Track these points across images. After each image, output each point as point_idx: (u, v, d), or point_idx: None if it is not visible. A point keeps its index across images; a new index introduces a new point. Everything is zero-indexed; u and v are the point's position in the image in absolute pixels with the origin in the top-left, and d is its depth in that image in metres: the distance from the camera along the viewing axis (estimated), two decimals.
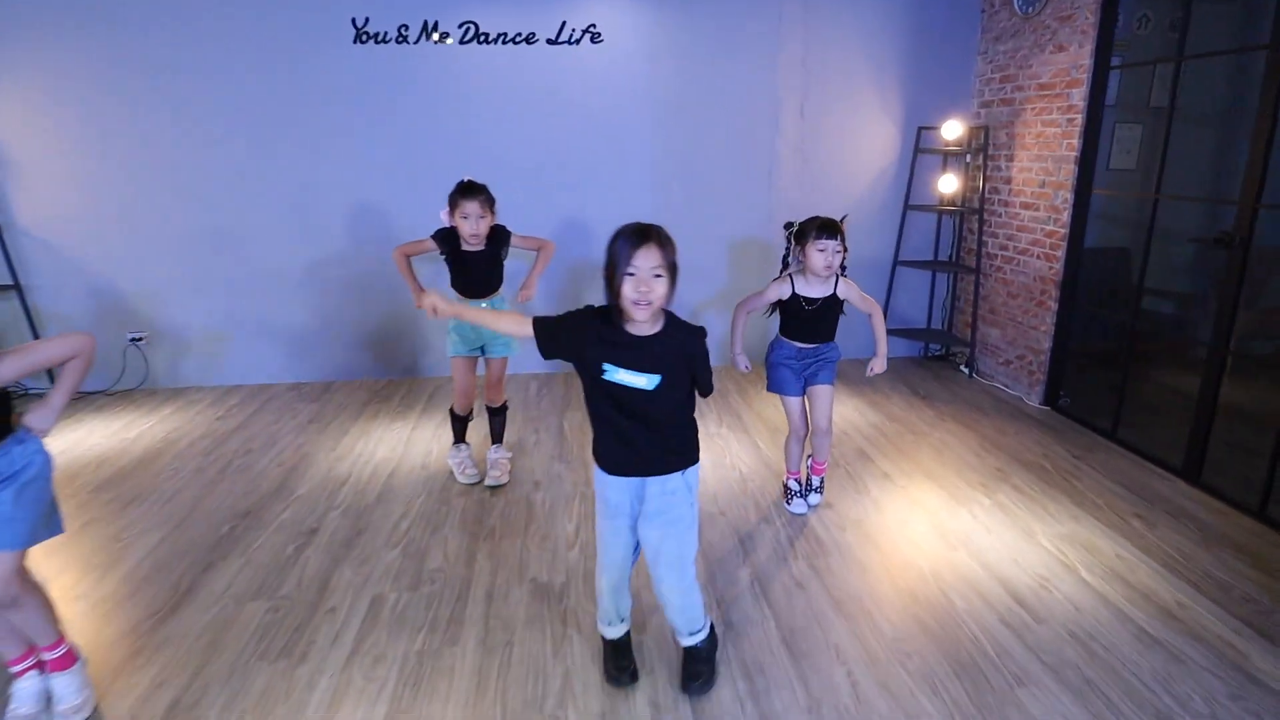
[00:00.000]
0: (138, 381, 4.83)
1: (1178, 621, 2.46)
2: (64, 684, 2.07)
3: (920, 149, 5.02)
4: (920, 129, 4.98)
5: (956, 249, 5.24)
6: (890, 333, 5.19)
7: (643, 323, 1.86)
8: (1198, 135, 4.48)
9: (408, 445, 3.92)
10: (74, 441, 4.00)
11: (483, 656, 2.30)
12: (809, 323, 3.00)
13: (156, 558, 2.88)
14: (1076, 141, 4.05)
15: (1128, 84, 4.20)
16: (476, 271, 3.25)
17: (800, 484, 3.28)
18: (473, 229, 3.11)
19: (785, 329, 3.07)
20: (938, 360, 5.39)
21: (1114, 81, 4.02)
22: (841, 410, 4.38)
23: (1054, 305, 4.28)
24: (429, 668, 2.25)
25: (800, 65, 4.80)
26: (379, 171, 4.63)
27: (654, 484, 2.01)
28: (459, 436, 3.53)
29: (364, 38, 4.44)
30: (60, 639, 2.08)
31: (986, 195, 4.85)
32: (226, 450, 3.88)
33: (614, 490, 2.03)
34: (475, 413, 3.62)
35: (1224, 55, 4.19)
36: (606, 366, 1.89)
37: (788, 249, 3.03)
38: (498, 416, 3.54)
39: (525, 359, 5.09)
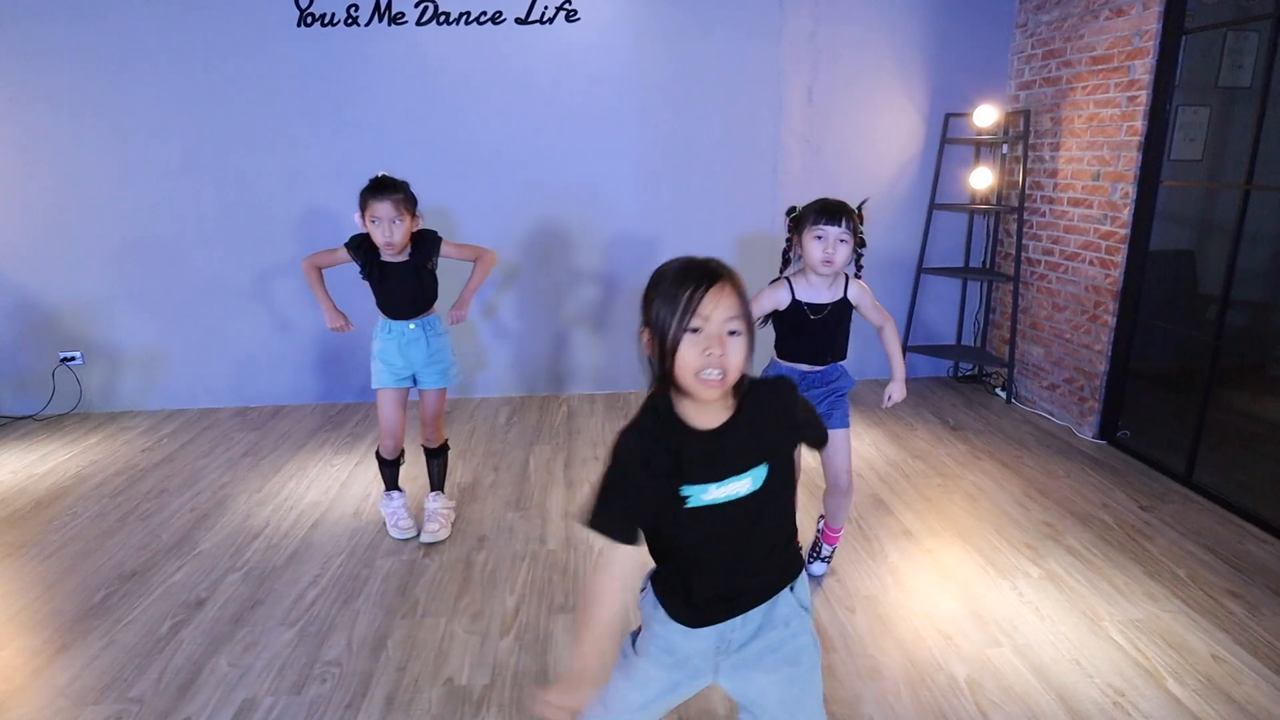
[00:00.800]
0: (70, 405, 4.36)
1: None
2: None
3: (948, 139, 4.36)
4: (948, 116, 4.32)
5: (991, 254, 4.56)
6: (915, 349, 4.55)
7: (712, 404, 1.20)
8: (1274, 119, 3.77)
9: (343, 487, 3.37)
10: None
11: None
12: (816, 337, 2.38)
13: (12, 628, 2.35)
14: (1140, 124, 3.37)
15: (1190, 61, 3.50)
16: (399, 286, 2.69)
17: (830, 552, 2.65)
18: (385, 236, 2.54)
19: (784, 349, 2.45)
20: (969, 381, 4.71)
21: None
22: (856, 445, 3.74)
23: (1111, 320, 3.59)
24: None
25: (808, 42, 4.18)
26: (330, 170, 4.10)
27: (755, 615, 1.31)
28: (390, 484, 2.96)
29: (309, 20, 3.92)
30: None
31: (1028, 191, 4.18)
32: (138, 490, 3.36)
33: (689, 641, 1.31)
34: (409, 454, 3.05)
35: None
36: (688, 490, 1.21)
37: (789, 241, 2.41)
38: (436, 459, 2.96)
39: (498, 378, 4.54)
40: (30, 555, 2.84)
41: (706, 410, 1.19)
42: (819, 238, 2.24)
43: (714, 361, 1.11)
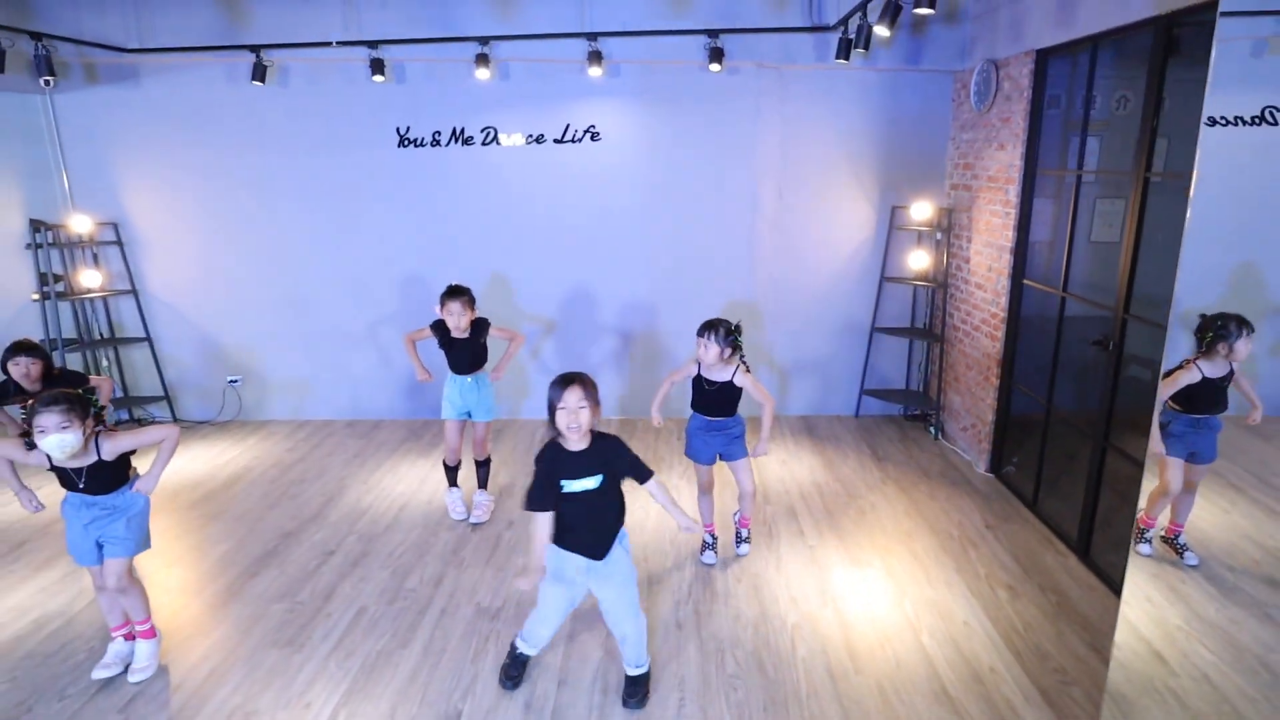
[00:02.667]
0: (233, 414, 6.04)
1: (979, 685, 2.94)
2: (142, 651, 3.07)
3: (895, 226, 5.48)
4: (894, 208, 5.45)
5: (930, 318, 5.64)
6: (870, 393, 5.70)
7: (577, 443, 2.62)
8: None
9: (421, 483, 4.83)
10: (183, 465, 5.18)
11: (421, 658, 3.12)
12: (712, 400, 3.64)
13: (222, 563, 3.90)
14: (1011, 234, 4.44)
15: (1107, 156, 4.40)
16: (463, 354, 4.10)
17: (714, 538, 3.91)
18: (456, 323, 3.96)
19: (694, 402, 3.72)
20: (914, 420, 5.80)
21: (1093, 153, 4.27)
22: (795, 468, 4.94)
23: (996, 381, 4.66)
24: (382, 663, 3.09)
25: (778, 152, 5.39)
26: (419, 248, 5.61)
27: (604, 565, 2.73)
28: (451, 481, 4.39)
29: (406, 143, 5.43)
30: (148, 618, 3.08)
31: (951, 272, 5.26)
32: (286, 479, 4.93)
33: (570, 565, 2.74)
34: (466, 462, 4.48)
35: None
36: (563, 484, 2.63)
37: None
38: (483, 468, 4.37)
39: (538, 405, 5.93)
40: (226, 519, 4.41)
41: (574, 445, 2.58)
42: (704, 346, 3.50)
43: (572, 421, 2.49)
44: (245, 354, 5.93)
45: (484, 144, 5.42)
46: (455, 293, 3.97)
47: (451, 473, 4.36)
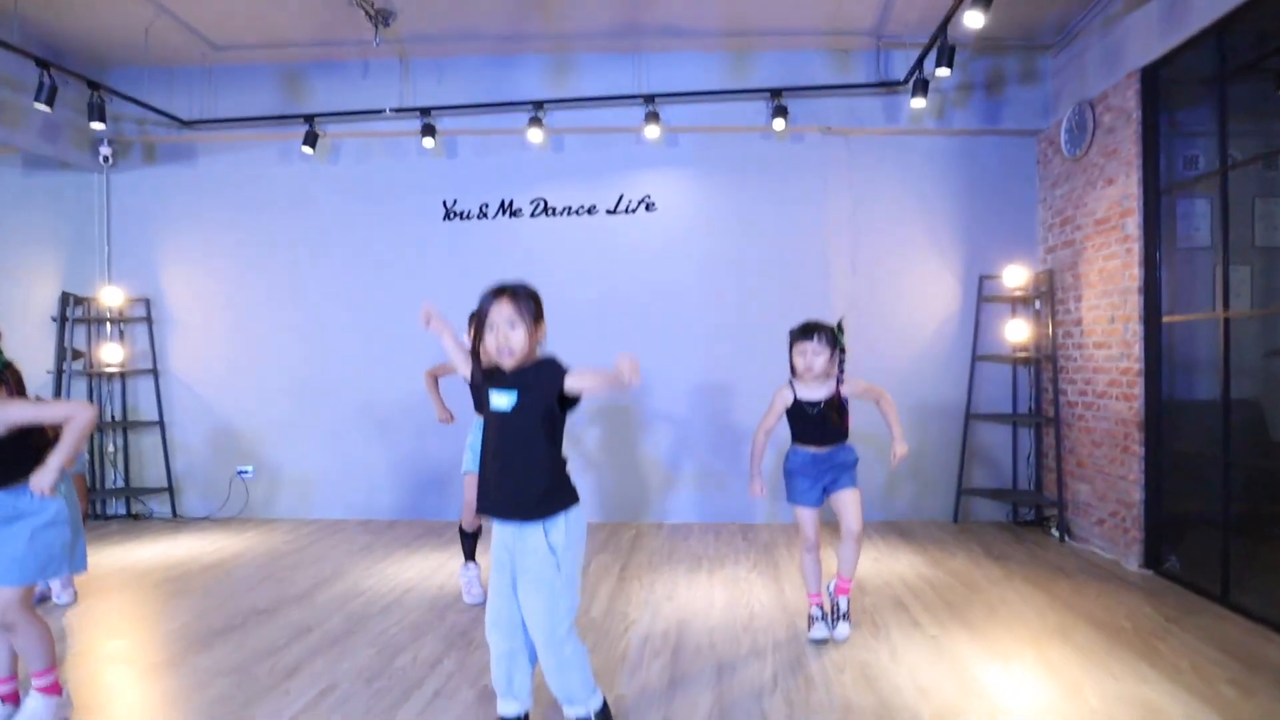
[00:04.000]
0: (238, 510, 5.36)
1: None
2: (38, 705, 2.23)
3: (984, 297, 4.88)
4: (982, 277, 4.88)
5: (1037, 399, 4.84)
6: (971, 493, 4.77)
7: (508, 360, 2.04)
8: None
9: (434, 571, 4.00)
10: (163, 550, 4.47)
11: None
12: (815, 426, 2.90)
13: (172, 636, 3.07)
14: (1137, 271, 3.80)
15: (1219, 228, 3.88)
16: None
17: (823, 610, 2.98)
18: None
19: (795, 435, 2.98)
20: (1027, 525, 4.79)
21: (1207, 221, 3.79)
22: (892, 564, 3.97)
23: (1139, 449, 3.77)
24: None
25: (848, 221, 4.98)
26: (460, 327, 5.17)
27: (522, 538, 2.01)
28: (468, 554, 3.56)
29: (452, 216, 5.21)
30: (50, 669, 2.27)
31: (1060, 340, 4.55)
32: (278, 565, 4.15)
33: (497, 540, 2.06)
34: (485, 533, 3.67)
35: None
36: (490, 393, 2.04)
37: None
38: (470, 540, 3.55)
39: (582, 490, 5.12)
40: (193, 595, 3.62)
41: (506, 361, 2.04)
42: (801, 353, 2.86)
43: (503, 344, 1.98)
44: (259, 443, 5.38)
45: (533, 215, 5.16)
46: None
47: (470, 543, 3.55)
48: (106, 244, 5.44)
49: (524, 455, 2.00)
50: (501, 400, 2.01)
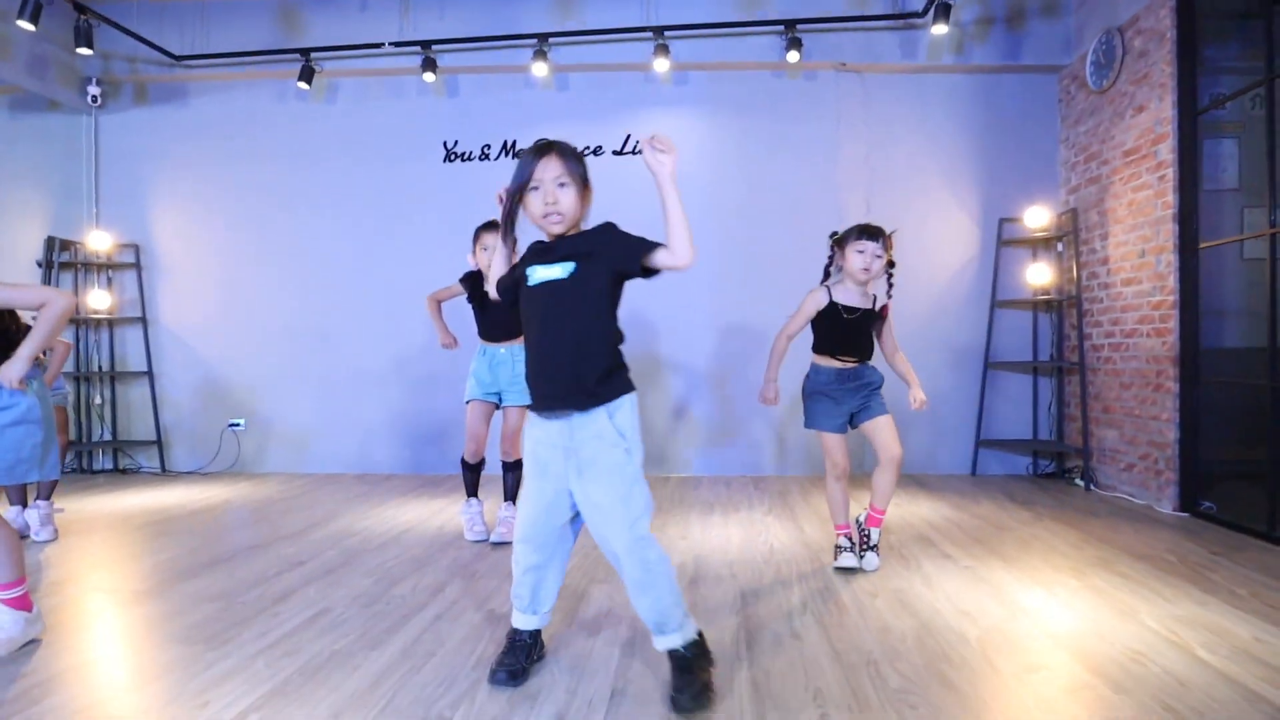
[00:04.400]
0: (229, 464, 5.16)
1: None
2: (5, 619, 2.05)
3: (1004, 241, 4.70)
4: (1001, 220, 4.70)
5: (1059, 345, 4.66)
6: (988, 444, 4.61)
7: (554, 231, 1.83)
8: None
9: (433, 514, 3.81)
10: (151, 498, 4.27)
11: (397, 661, 2.01)
12: (848, 336, 2.73)
13: (157, 567, 2.88)
14: (1171, 198, 3.62)
15: (1248, 169, 3.73)
16: (497, 313, 3.28)
17: (851, 541, 2.80)
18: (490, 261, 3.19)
19: (820, 346, 2.79)
20: (1049, 478, 4.62)
21: (1234, 163, 3.64)
22: (913, 509, 3.80)
23: (1174, 385, 3.61)
24: (334, 665, 1.98)
25: (863, 163, 4.79)
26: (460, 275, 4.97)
27: (584, 427, 1.76)
28: (470, 490, 3.37)
29: (452, 157, 5.01)
30: (19, 581, 2.10)
31: (1084, 281, 4.37)
32: (270, 509, 3.96)
33: (541, 440, 1.83)
34: (493, 464, 3.49)
35: None
36: (529, 271, 1.81)
37: (830, 258, 2.86)
38: (511, 472, 3.36)
39: None
40: (181, 533, 3.42)
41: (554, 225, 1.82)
42: (860, 251, 2.67)
43: (550, 207, 1.75)
44: (251, 396, 5.18)
45: None
46: (492, 225, 3.24)
47: (473, 475, 3.36)
48: (95, 187, 5.22)
49: (585, 330, 1.76)
50: (554, 271, 1.78)
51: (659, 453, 4.91)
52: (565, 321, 1.76)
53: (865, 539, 2.82)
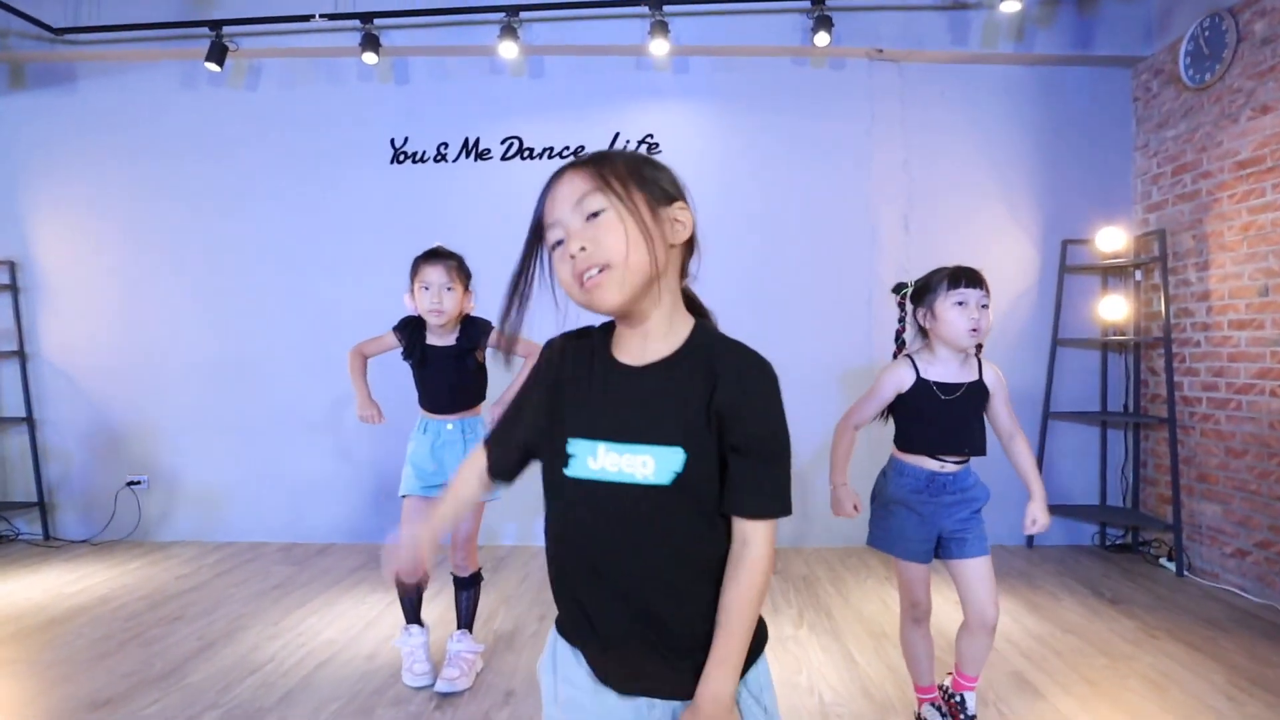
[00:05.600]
0: (127, 531, 4.22)
1: None
2: None
3: (1068, 267, 3.92)
4: (1065, 242, 3.91)
5: (1135, 394, 3.89)
6: (1052, 510, 3.81)
7: (634, 332, 1.01)
8: None
9: (368, 627, 2.93)
10: (19, 584, 3.36)
11: None
12: (949, 422, 1.92)
13: None
14: None
15: None
16: (440, 373, 2.42)
17: (942, 711, 1.99)
18: (433, 302, 2.33)
19: (908, 440, 1.99)
20: (1122, 551, 3.86)
21: None
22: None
23: None
24: None
25: (901, 171, 3.99)
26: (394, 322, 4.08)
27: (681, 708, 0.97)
28: (410, 615, 2.50)
29: (401, 157, 4.10)
30: None
31: (1174, 320, 3.61)
32: (153, 616, 3.05)
33: (599, 702, 1.00)
34: (437, 585, 2.63)
35: None
36: (573, 446, 0.97)
37: (902, 320, 2.04)
38: (466, 590, 2.51)
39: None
40: (13, 673, 2.52)
41: (630, 339, 0.99)
42: (961, 303, 1.86)
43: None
44: (156, 445, 4.24)
45: (504, 158, 4.08)
46: (436, 254, 2.38)
47: (411, 600, 2.49)
48: None
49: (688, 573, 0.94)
50: (640, 463, 0.94)
51: None
52: (641, 556, 0.97)
53: (959, 708, 2.01)
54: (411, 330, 2.44)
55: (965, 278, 1.92)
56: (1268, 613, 2.98)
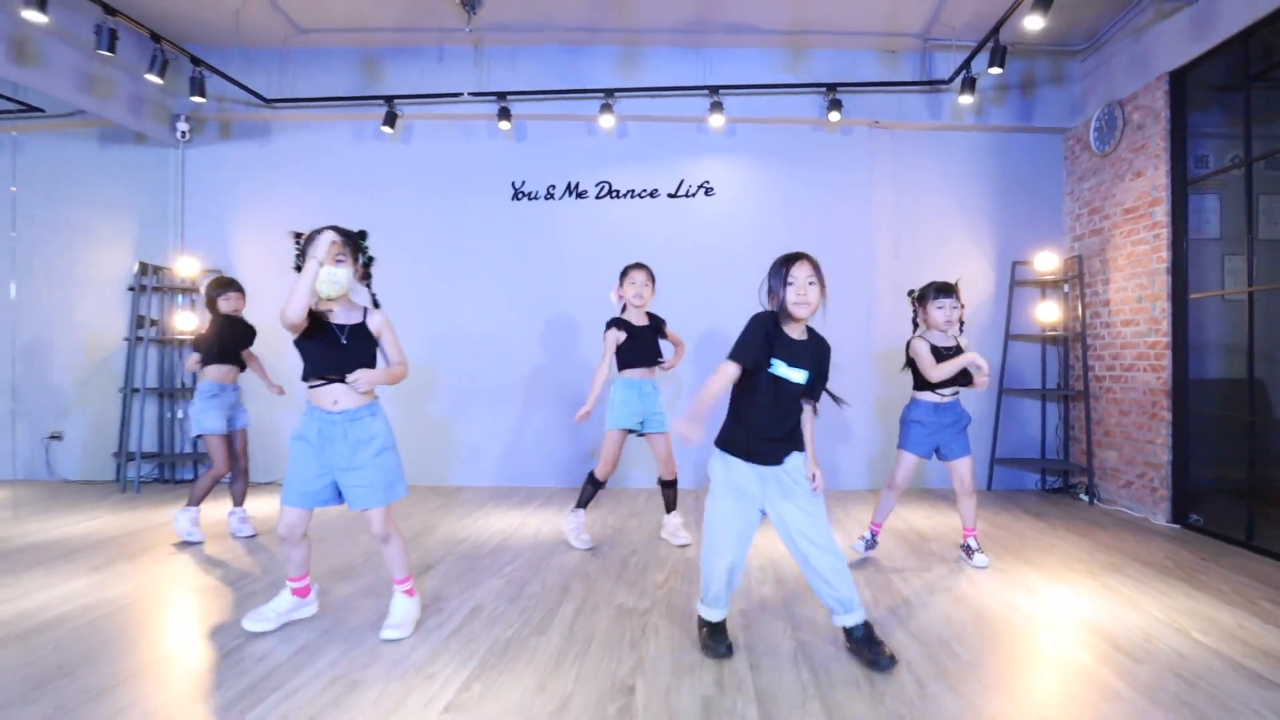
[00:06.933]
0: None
1: None
2: (403, 606, 2.61)
3: (1016, 281, 5.28)
4: (1014, 263, 5.28)
5: (1065, 375, 5.25)
6: (1001, 462, 5.17)
7: (800, 323, 2.33)
8: None
9: (521, 525, 4.29)
10: (269, 506, 4.70)
11: (565, 644, 2.50)
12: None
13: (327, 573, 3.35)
14: (1165, 253, 4.21)
15: (1228, 222, 4.35)
16: (645, 346, 3.71)
17: (874, 539, 3.49)
18: (638, 295, 3.66)
19: (920, 383, 3.38)
20: (1057, 493, 5.20)
21: (1216, 216, 4.25)
22: (946, 521, 4.34)
23: (1167, 415, 4.19)
24: (515, 647, 2.47)
25: (893, 209, 5.36)
26: (525, 311, 5.47)
27: (787, 471, 2.33)
28: (584, 502, 3.79)
29: (520, 196, 5.50)
30: (409, 577, 2.65)
31: (1088, 320, 4.96)
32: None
33: (744, 474, 2.33)
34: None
35: None
36: (774, 361, 2.30)
37: (914, 312, 3.42)
38: (670, 489, 3.81)
39: (645, 475, 5.44)
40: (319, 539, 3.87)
41: (794, 330, 2.28)
42: (940, 308, 3.24)
43: (801, 299, 2.24)
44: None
45: (598, 197, 5.47)
46: (640, 266, 3.72)
47: (592, 491, 3.75)
48: (180, 216, 5.65)
49: (796, 414, 2.37)
50: (796, 375, 2.30)
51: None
52: (790, 407, 2.34)
53: (968, 548, 3.42)
54: (620, 321, 3.70)
55: (942, 291, 3.27)
56: (1140, 520, 4.32)
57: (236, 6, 4.88)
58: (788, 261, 2.32)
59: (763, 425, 2.31)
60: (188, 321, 5.55)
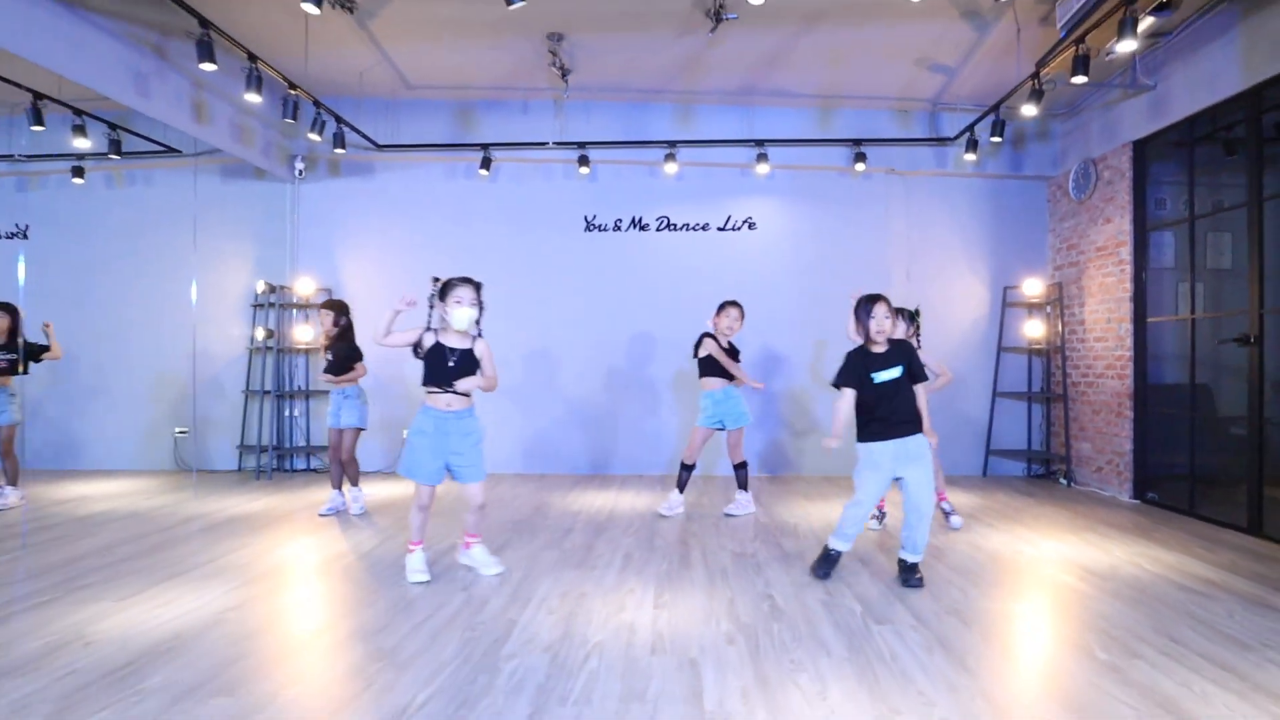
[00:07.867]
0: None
1: (1216, 586, 3.32)
2: (484, 551, 3.52)
3: (1007, 303, 6.37)
4: (1005, 288, 6.37)
5: (1047, 381, 6.35)
6: (995, 453, 6.24)
7: (880, 346, 3.31)
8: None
9: (615, 502, 5.26)
10: (386, 489, 5.60)
11: (708, 573, 3.49)
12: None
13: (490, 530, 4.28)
14: (1129, 285, 5.30)
15: (1181, 251, 5.44)
16: (733, 357, 4.72)
17: (879, 513, 4.47)
18: (729, 325, 4.65)
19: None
20: (1040, 479, 6.30)
21: (1172, 249, 5.34)
22: (956, 499, 5.40)
23: (1130, 414, 5.28)
24: (675, 576, 3.45)
25: (905, 240, 6.42)
26: (596, 326, 6.43)
27: (911, 442, 3.28)
28: (682, 486, 4.77)
29: (591, 228, 6.47)
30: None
31: (1066, 337, 6.05)
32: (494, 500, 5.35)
33: (882, 453, 3.28)
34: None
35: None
36: (874, 375, 3.28)
37: (918, 329, 4.43)
38: (741, 470, 4.80)
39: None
40: (449, 515, 4.80)
41: (878, 348, 3.25)
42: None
43: (883, 330, 3.19)
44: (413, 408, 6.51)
45: (658, 230, 6.46)
46: (736, 303, 4.69)
47: (687, 475, 4.74)
48: (294, 241, 6.53)
49: (909, 395, 3.30)
50: (893, 373, 3.25)
51: (781, 458, 6.42)
52: (905, 394, 3.30)
53: (946, 513, 4.41)
54: (714, 336, 4.69)
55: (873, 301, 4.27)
56: (1109, 498, 5.41)
57: (363, 68, 5.79)
58: (870, 300, 3.29)
59: (892, 411, 3.27)
60: (305, 333, 6.42)
